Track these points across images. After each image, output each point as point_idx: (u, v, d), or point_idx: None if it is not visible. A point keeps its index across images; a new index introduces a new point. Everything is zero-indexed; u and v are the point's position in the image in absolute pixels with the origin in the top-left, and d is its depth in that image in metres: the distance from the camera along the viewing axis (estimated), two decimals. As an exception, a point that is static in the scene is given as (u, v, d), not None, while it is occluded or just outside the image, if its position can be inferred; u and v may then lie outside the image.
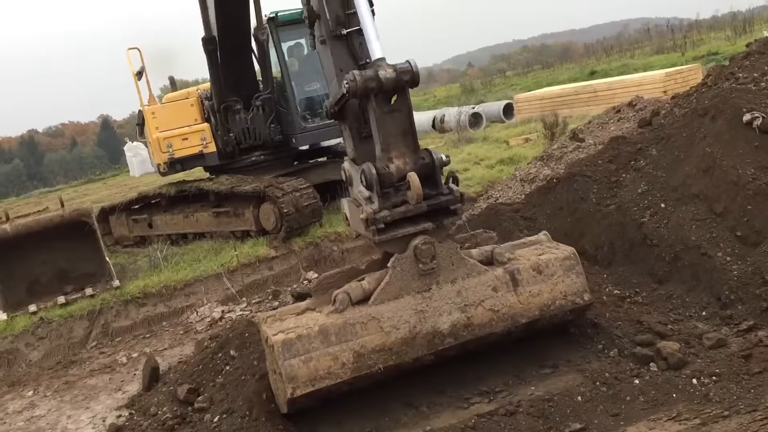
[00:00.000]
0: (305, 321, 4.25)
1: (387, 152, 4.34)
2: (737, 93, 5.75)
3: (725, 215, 5.15)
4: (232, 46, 10.60)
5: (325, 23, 4.89)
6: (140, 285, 9.03)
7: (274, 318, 4.43)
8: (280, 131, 11.56)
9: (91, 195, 23.53)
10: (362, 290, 4.32)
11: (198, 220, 11.25)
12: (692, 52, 30.01)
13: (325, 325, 4.16)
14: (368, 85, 4.21)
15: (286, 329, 4.19)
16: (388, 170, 4.30)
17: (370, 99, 4.30)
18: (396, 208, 4.27)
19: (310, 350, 4.11)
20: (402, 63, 4.32)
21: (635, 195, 5.89)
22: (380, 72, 4.23)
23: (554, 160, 9.46)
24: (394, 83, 4.26)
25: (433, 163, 4.34)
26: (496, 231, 6.38)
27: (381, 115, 4.31)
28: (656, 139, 6.40)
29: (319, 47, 5.13)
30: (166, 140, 11.12)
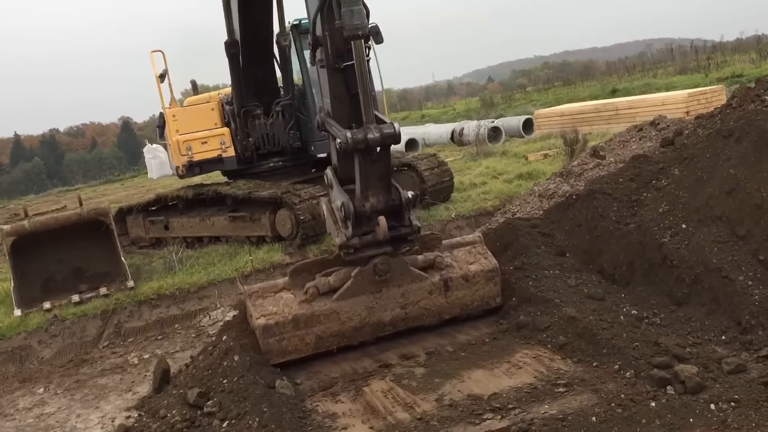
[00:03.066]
0: (282, 306, 5.42)
1: (365, 192, 5.34)
2: (763, 115, 5.68)
3: (748, 238, 5.07)
4: (255, 51, 10.65)
5: (326, 54, 5.52)
6: (154, 286, 9.05)
7: (257, 295, 5.51)
8: (299, 138, 11.59)
9: (109, 195, 23.71)
10: (329, 285, 5.50)
11: (214, 224, 11.27)
12: (716, 74, 29.79)
13: (297, 315, 5.40)
14: (358, 146, 5.09)
15: (266, 313, 5.38)
16: (363, 209, 5.32)
17: (358, 154, 5.18)
18: (365, 235, 5.30)
19: (283, 333, 5.40)
20: (387, 125, 5.16)
21: (656, 215, 5.82)
22: (368, 135, 5.07)
23: (574, 176, 9.38)
24: (379, 143, 5.13)
25: (400, 202, 5.36)
26: (513, 246, 6.36)
27: (364, 164, 5.23)
28: (679, 159, 6.33)
29: (318, 69, 5.79)
30: (186, 143, 11.19)
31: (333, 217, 5.55)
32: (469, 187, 13.00)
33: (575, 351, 4.83)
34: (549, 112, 22.87)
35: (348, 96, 5.56)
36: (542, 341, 5.11)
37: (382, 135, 5.11)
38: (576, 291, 5.61)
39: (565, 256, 6.24)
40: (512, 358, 4.96)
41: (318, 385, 5.16)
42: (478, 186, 13.04)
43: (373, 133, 5.08)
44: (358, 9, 5.05)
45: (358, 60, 5.13)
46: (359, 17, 5.05)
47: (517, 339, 5.30)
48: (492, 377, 4.72)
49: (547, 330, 5.16)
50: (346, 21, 5.05)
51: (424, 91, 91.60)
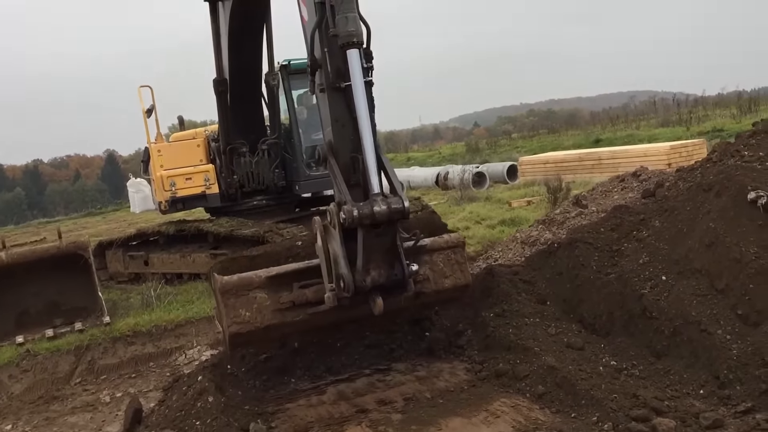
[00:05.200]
0: (255, 313, 5.31)
1: (367, 265, 4.99)
2: (742, 170, 5.76)
3: (727, 292, 5.10)
4: (243, 89, 10.71)
5: (325, 74, 5.16)
6: (131, 323, 8.91)
7: (231, 293, 5.31)
8: (284, 177, 11.61)
9: (90, 228, 23.51)
10: (305, 297, 5.34)
11: (195, 261, 11.18)
12: (697, 127, 30.31)
13: (269, 325, 5.34)
14: (363, 222, 4.78)
15: (239, 320, 5.28)
16: (364, 283, 4.97)
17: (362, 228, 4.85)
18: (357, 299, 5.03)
19: (251, 338, 5.45)
20: (395, 199, 4.85)
21: (636, 265, 5.84)
22: (375, 208, 4.77)
23: (556, 224, 9.43)
24: (386, 219, 4.81)
25: (403, 277, 5.09)
26: (494, 292, 6.35)
27: (368, 238, 4.91)
28: (660, 210, 6.39)
29: (318, 94, 5.40)
30: (170, 178, 11.16)
31: (328, 265, 5.14)
32: (452, 232, 12.99)
33: (554, 401, 4.79)
34: (533, 160, 23.12)
35: (351, 119, 5.12)
36: (521, 390, 5.07)
37: (390, 210, 4.79)
38: (556, 340, 5.59)
39: (545, 304, 6.24)
40: (490, 407, 4.91)
41: (293, 429, 5.07)
42: (461, 231, 13.03)
43: (380, 206, 4.78)
44: (353, 16, 4.95)
45: (354, 72, 4.90)
46: (354, 24, 4.93)
47: (495, 387, 5.25)
48: (470, 425, 4.67)
49: (526, 379, 5.13)
50: (341, 28, 4.93)
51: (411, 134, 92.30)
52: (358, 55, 4.98)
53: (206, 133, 12.09)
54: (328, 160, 5.21)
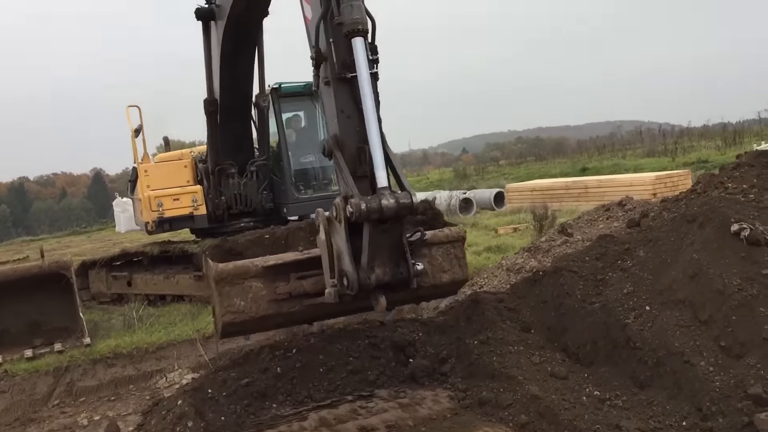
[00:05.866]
0: (250, 303, 5.29)
1: (371, 262, 4.88)
2: (726, 202, 5.80)
3: (710, 323, 5.10)
4: (233, 109, 10.72)
5: (331, 66, 5.12)
6: (111, 344, 8.82)
7: (226, 281, 5.26)
8: (271, 199, 11.59)
9: (74, 247, 23.32)
10: (302, 289, 5.35)
11: (179, 282, 11.10)
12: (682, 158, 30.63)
13: (264, 315, 5.34)
14: (371, 216, 4.68)
15: (233, 310, 5.26)
16: (368, 281, 4.86)
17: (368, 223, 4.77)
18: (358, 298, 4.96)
19: (244, 326, 5.44)
20: (403, 194, 4.79)
21: (620, 295, 5.84)
22: (383, 202, 4.68)
23: (542, 252, 9.44)
24: (393, 214, 4.73)
25: (408, 276, 5.00)
26: (479, 319, 6.33)
27: (374, 234, 4.81)
28: (644, 240, 6.41)
29: (322, 88, 5.34)
30: (157, 199, 11.11)
31: (331, 261, 5.04)
32: (438, 257, 12.97)
33: (537, 431, 4.76)
34: (520, 187, 23.23)
35: (356, 110, 5.09)
36: (504, 419, 5.03)
37: (398, 205, 4.73)
38: (540, 369, 5.57)
39: (530, 332, 6.22)
40: (473, 436, 4.86)
41: (272, 456, 4.99)
42: (448, 257, 13.02)
43: (388, 200, 4.70)
44: (358, 4, 4.97)
45: (360, 61, 4.89)
46: (359, 12, 4.95)
47: (478, 415, 5.21)
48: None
49: (509, 408, 5.09)
50: (346, 16, 4.93)
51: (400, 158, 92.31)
52: (364, 43, 4.98)
53: (192, 154, 12.06)
54: (333, 153, 5.12)
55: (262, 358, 6.17)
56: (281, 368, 6.19)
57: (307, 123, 12.53)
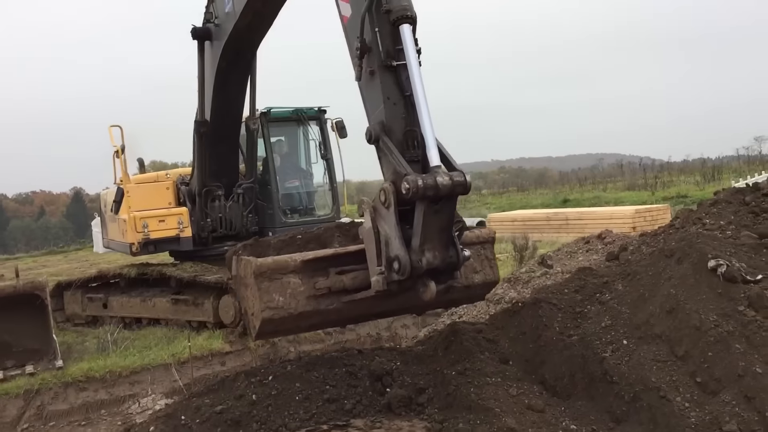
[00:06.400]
0: (288, 298, 5.15)
1: (423, 245, 4.87)
2: (703, 238, 5.86)
3: (686, 359, 5.12)
4: (223, 131, 10.73)
5: (376, 55, 5.23)
6: (84, 368, 8.68)
7: (265, 276, 5.12)
8: (256, 222, 11.54)
9: (50, 267, 23.02)
10: (342, 284, 5.22)
11: (155, 306, 10.98)
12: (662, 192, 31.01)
13: (302, 312, 5.19)
14: (427, 193, 4.68)
15: (272, 306, 5.11)
16: (419, 263, 4.85)
17: (424, 201, 4.76)
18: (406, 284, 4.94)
19: (283, 324, 5.27)
20: (457, 173, 4.84)
21: (598, 328, 5.85)
22: (438, 179, 4.70)
23: (521, 283, 9.46)
24: (448, 192, 4.76)
25: (457, 260, 5.05)
26: (457, 350, 6.30)
27: (428, 214, 4.80)
28: (623, 274, 6.45)
29: (366, 78, 5.40)
30: (143, 220, 10.94)
31: (378, 248, 5.00)
32: (419, 286, 12.95)
33: (512, 464, 4.71)
34: (502, 217, 23.34)
35: (401, 97, 5.21)
36: (480, 452, 4.98)
37: (453, 183, 4.76)
38: (517, 401, 5.54)
39: (508, 364, 6.19)
40: (448, 469, 4.81)
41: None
42: (428, 285, 13.00)
43: (443, 178, 4.73)
44: None
45: (408, 46, 5.00)
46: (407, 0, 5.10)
47: (454, 448, 5.16)
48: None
49: (485, 440, 5.05)
50: (394, 3, 5.03)
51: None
52: (411, 29, 5.09)
53: (168, 176, 11.97)
54: (380, 140, 5.16)
55: (238, 385, 6.08)
56: (257, 395, 6.10)
57: (294, 148, 12.58)
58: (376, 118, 5.28)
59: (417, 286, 4.99)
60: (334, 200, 12.48)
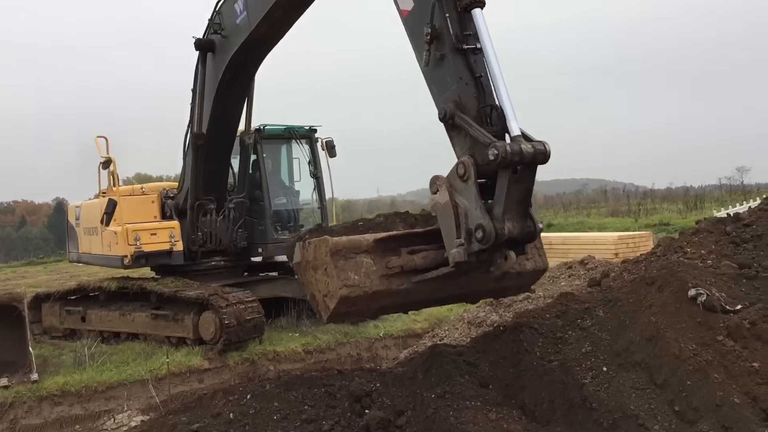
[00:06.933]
0: (363, 277, 5.25)
1: (504, 214, 5.05)
2: (684, 267, 5.90)
3: (665, 387, 5.13)
4: (218, 144, 10.73)
5: (448, 39, 5.48)
6: (60, 382, 8.55)
7: (341, 255, 5.24)
8: (245, 238, 11.49)
9: (29, 278, 22.76)
10: (414, 264, 5.32)
11: (134, 320, 10.87)
12: (645, 219, 31.22)
13: (376, 291, 5.28)
14: (513, 159, 4.89)
15: (349, 283, 5.20)
16: (502, 231, 5.01)
17: (508, 170, 4.97)
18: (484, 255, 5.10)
19: (356, 303, 5.32)
20: (538, 142, 5.06)
21: (579, 354, 5.85)
22: (522, 146, 4.93)
23: (503, 306, 9.46)
24: (531, 159, 4.98)
25: (535, 230, 5.29)
26: (437, 372, 6.27)
27: (510, 183, 5.01)
28: (604, 300, 6.47)
29: (434, 63, 5.61)
30: (135, 233, 10.77)
31: (457, 220, 5.14)
32: (401, 307, 12.95)
33: (490, 490, 4.68)
34: (486, 240, 23.35)
35: (473, 78, 5.45)
36: (457, 477, 4.95)
37: (535, 151, 4.97)
38: (496, 426, 5.51)
39: (488, 388, 6.17)
40: (425, 493, 4.77)
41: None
42: (409, 306, 12.99)
43: (526, 146, 4.94)
44: None
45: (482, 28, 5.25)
46: None
47: (432, 472, 5.12)
48: None
49: (463, 465, 5.02)
50: None
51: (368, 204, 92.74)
52: (482, 13, 5.35)
53: (142, 189, 11.84)
54: (454, 117, 5.34)
55: (215, 403, 6.03)
56: (234, 414, 6.05)
57: (286, 166, 12.61)
58: (446, 99, 5.48)
59: (494, 258, 5.17)
60: (323, 218, 12.50)
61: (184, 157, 11.26)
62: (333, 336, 11.04)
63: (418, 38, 5.66)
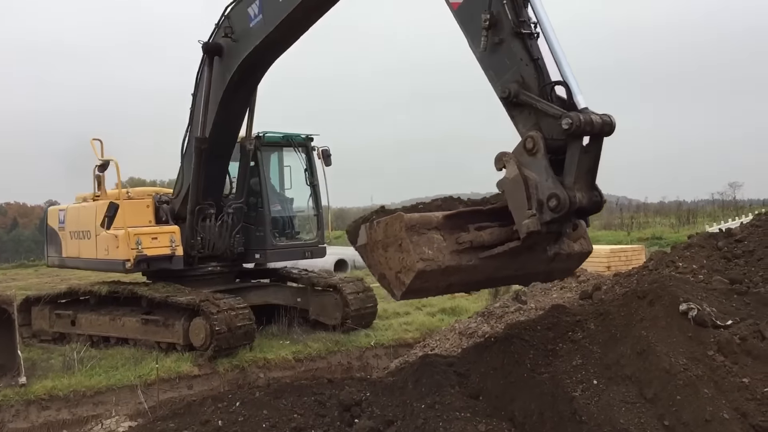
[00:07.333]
0: (435, 252, 5.42)
1: (575, 184, 5.29)
2: (676, 282, 5.91)
3: (655, 401, 5.12)
4: (220, 149, 10.71)
5: (507, 24, 5.79)
6: (48, 386, 8.50)
7: (414, 230, 5.41)
8: (242, 243, 11.47)
9: (20, 281, 22.65)
10: (482, 240, 5.52)
11: (124, 325, 10.82)
12: (637, 233, 31.30)
13: (448, 266, 5.45)
14: (585, 128, 5.16)
15: (425, 257, 5.35)
16: (575, 199, 5.23)
17: (580, 139, 5.25)
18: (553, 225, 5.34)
19: (429, 279, 5.46)
20: (605, 114, 5.32)
21: (569, 367, 5.85)
22: (593, 116, 5.20)
23: (495, 318, 9.45)
24: (600, 129, 5.25)
25: (600, 200, 5.48)
26: (427, 383, 6.26)
27: (580, 153, 5.27)
28: (595, 313, 6.47)
29: (491, 48, 5.88)
30: (136, 236, 10.66)
31: (527, 192, 5.33)
32: (392, 316, 12.97)
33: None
34: (478, 250, 23.35)
35: (531, 60, 5.73)
36: (446, 488, 4.93)
37: (603, 122, 5.23)
38: (485, 438, 5.50)
39: (478, 399, 6.16)
40: (413, 504, 4.75)
41: None
42: (401, 316, 13.01)
43: (596, 117, 5.19)
44: None
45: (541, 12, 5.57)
46: None
47: (421, 483, 5.10)
48: None
49: (452, 477, 5.00)
50: None
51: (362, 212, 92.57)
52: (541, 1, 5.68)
53: (127, 193, 11.73)
54: (519, 95, 5.60)
55: (204, 410, 6.00)
56: (222, 421, 6.02)
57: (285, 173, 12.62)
58: (506, 80, 5.76)
59: (562, 229, 5.49)
60: (319, 225, 12.52)
61: (182, 160, 11.24)
62: (324, 344, 11.02)
63: (473, 26, 5.96)
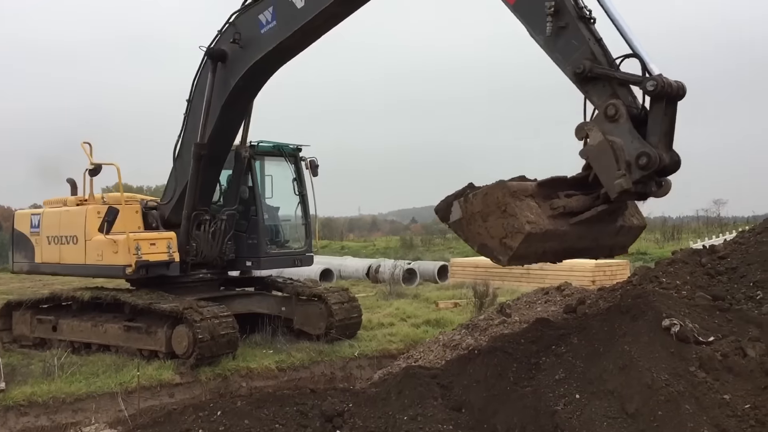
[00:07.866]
0: (536, 216, 5.76)
1: (658, 143, 5.69)
2: (659, 297, 5.94)
3: (636, 417, 5.13)
4: (216, 156, 10.70)
5: (571, 10, 6.21)
6: (27, 392, 8.39)
7: (515, 195, 5.73)
8: (234, 250, 11.44)
9: (1, 285, 22.45)
10: (573, 206, 5.92)
11: (106, 332, 10.72)
12: (622, 248, 31.37)
13: (547, 230, 5.78)
14: (667, 90, 5.64)
15: (530, 220, 5.67)
16: (663, 157, 5.62)
17: (662, 101, 5.69)
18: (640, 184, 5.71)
19: (532, 242, 5.75)
20: (674, 80, 5.73)
21: (552, 381, 5.85)
22: (671, 80, 5.65)
23: (479, 330, 9.44)
24: (677, 90, 5.73)
25: (678, 159, 5.83)
26: (410, 394, 6.24)
27: (662, 115, 5.71)
28: (579, 327, 6.49)
29: (555, 33, 6.24)
30: (136, 242, 10.55)
31: (615, 155, 5.66)
32: (377, 327, 12.94)
33: None
34: (464, 262, 23.40)
35: (596, 40, 6.18)
36: (427, 501, 4.91)
37: (678, 86, 5.69)
38: (467, 451, 5.48)
39: (460, 411, 6.15)
40: None
41: None
42: (386, 326, 12.99)
43: (672, 81, 5.62)
44: None
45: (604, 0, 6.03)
46: None
47: (401, 495, 5.07)
48: None
49: (432, 490, 4.97)
50: None
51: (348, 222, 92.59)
52: None
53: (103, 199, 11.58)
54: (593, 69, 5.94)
55: (185, 419, 5.94)
56: (203, 430, 5.97)
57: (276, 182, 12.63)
58: (576, 59, 6.09)
59: (648, 190, 5.80)
60: (308, 234, 12.57)
61: (174, 165, 11.21)
62: (307, 354, 10.97)
63: (534, 16, 6.34)
